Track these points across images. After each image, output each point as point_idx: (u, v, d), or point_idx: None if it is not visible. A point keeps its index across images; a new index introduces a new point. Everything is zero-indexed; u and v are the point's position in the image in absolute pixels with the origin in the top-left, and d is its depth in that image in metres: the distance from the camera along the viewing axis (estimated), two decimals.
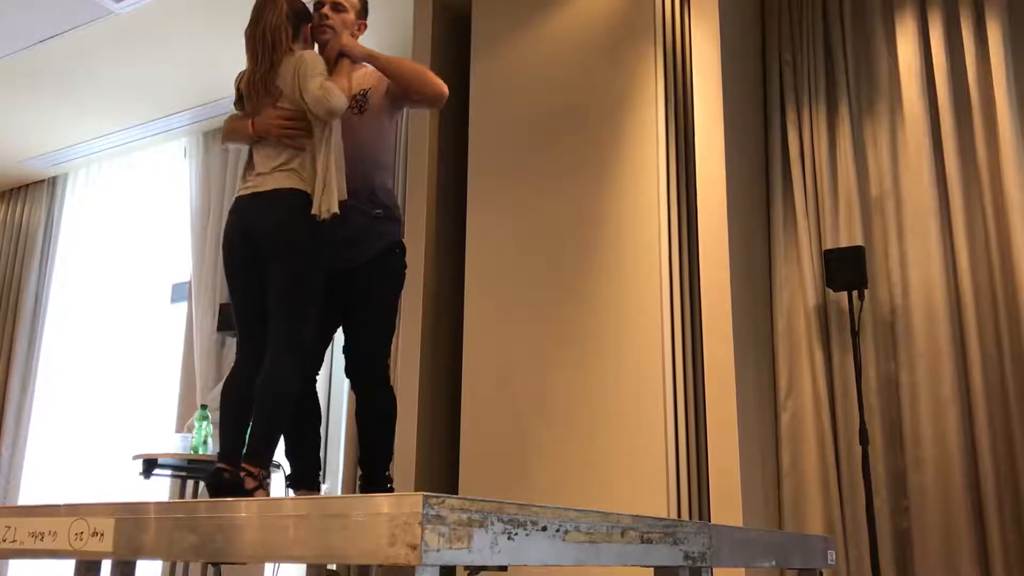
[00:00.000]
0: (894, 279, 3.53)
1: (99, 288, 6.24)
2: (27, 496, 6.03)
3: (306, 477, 2.77)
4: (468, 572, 2.80)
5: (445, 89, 2.76)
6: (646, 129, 3.40)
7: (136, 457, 3.90)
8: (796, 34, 3.94)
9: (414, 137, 4.02)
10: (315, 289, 2.57)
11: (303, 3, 2.82)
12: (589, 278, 3.39)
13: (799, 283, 3.69)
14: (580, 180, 3.50)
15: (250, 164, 2.72)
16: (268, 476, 2.48)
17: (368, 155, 2.80)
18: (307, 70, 2.60)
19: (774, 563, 1.89)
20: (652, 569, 1.50)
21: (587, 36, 3.63)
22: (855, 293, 3.52)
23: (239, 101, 2.77)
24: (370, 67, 2.86)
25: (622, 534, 1.31)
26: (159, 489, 5.20)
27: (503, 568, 2.93)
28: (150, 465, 3.86)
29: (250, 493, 2.38)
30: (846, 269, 3.41)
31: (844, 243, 3.64)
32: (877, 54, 3.76)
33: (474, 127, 3.84)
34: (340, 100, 2.55)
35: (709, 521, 3.02)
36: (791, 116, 3.84)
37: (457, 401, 3.76)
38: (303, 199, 2.55)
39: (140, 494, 5.19)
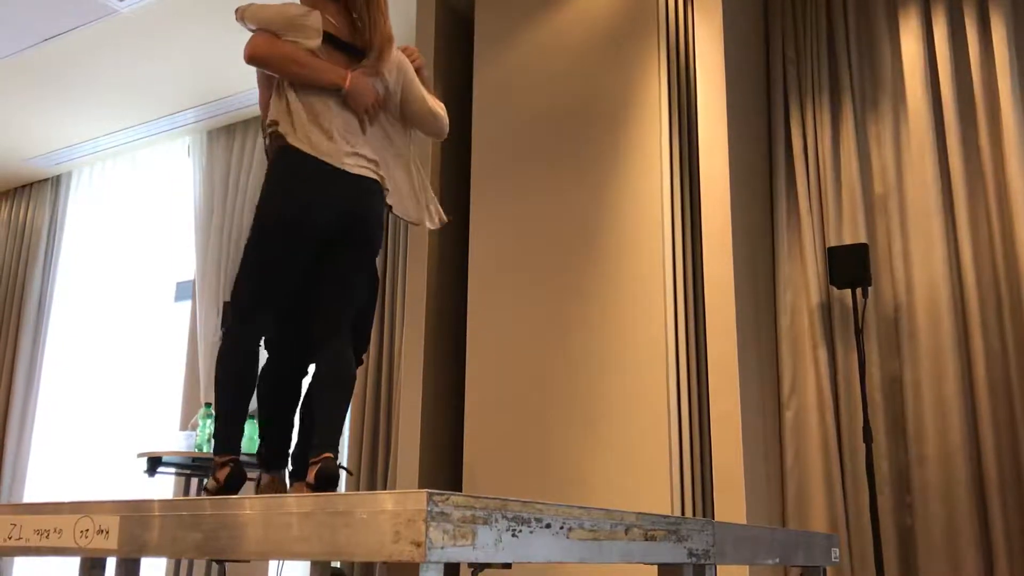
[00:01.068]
0: (898, 276, 3.52)
1: (103, 287, 6.25)
2: (32, 494, 6.04)
3: (280, 459, 2.76)
4: (472, 569, 2.80)
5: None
6: (650, 127, 3.40)
7: (141, 455, 3.91)
8: (799, 31, 3.94)
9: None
10: None
11: None
12: (593, 275, 3.39)
13: (803, 281, 3.69)
14: (584, 178, 3.50)
15: (325, 115, 2.44)
16: None
17: None
18: (417, 80, 2.61)
19: (778, 560, 1.89)
20: (656, 566, 1.50)
21: (590, 35, 3.63)
22: (859, 290, 3.51)
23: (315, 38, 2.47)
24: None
25: (626, 531, 1.31)
26: (164, 486, 5.21)
27: (507, 565, 2.94)
28: (154, 463, 3.87)
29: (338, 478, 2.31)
30: (850, 266, 3.40)
31: (848, 240, 3.63)
32: (880, 50, 3.75)
33: (477, 127, 3.84)
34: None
35: (713, 518, 3.02)
36: (794, 113, 3.84)
37: (461, 399, 3.76)
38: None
39: (145, 492, 5.20)
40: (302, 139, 2.40)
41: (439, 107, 2.60)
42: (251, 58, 2.42)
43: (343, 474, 4.72)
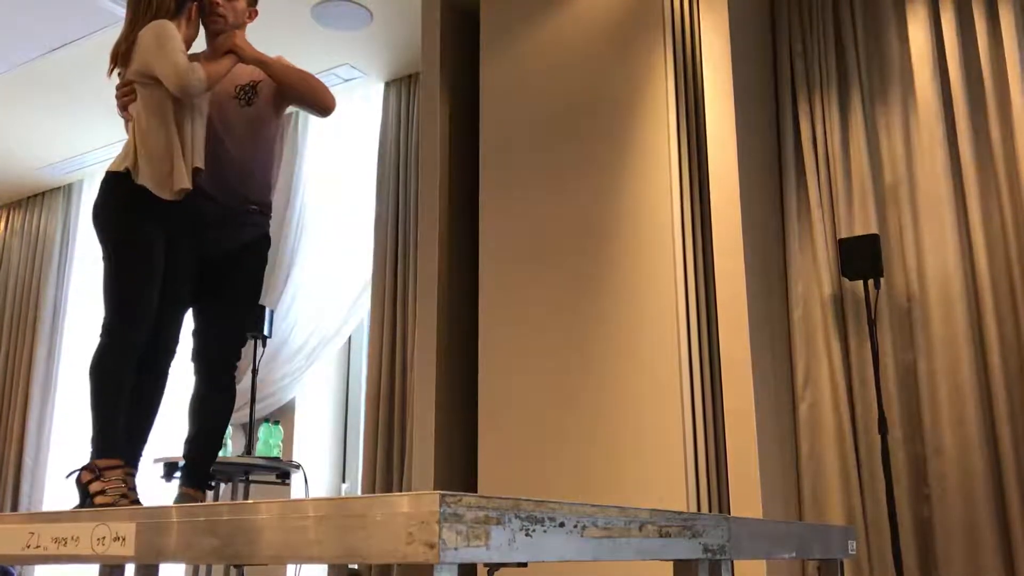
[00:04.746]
0: (910, 266, 3.51)
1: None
2: (51, 502, 6.08)
3: (191, 475, 2.79)
4: (488, 569, 2.81)
5: (332, 101, 2.76)
6: (657, 122, 3.39)
7: (157, 461, 3.93)
8: (806, 22, 3.92)
9: (425, 137, 4.03)
10: (142, 265, 2.47)
11: None
12: (604, 273, 3.39)
13: (814, 273, 3.68)
14: (593, 175, 3.50)
15: None
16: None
17: (250, 147, 2.77)
18: (165, 40, 2.50)
19: (794, 554, 1.89)
20: (671, 563, 1.50)
21: (596, 30, 3.62)
22: (871, 282, 3.50)
23: None
24: None
25: (640, 528, 1.31)
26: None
27: (523, 564, 2.94)
28: (171, 468, 3.89)
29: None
30: (861, 257, 3.39)
31: (859, 231, 3.62)
32: (888, 40, 3.73)
33: (485, 125, 3.85)
34: (198, 82, 2.47)
35: (728, 514, 3.02)
36: (803, 105, 3.83)
37: (474, 400, 3.77)
38: (112, 179, 2.49)
39: (161, 497, 5.22)
40: None
41: (188, 68, 2.53)
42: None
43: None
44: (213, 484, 2.75)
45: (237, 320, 2.72)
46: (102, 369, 2.47)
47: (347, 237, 5.15)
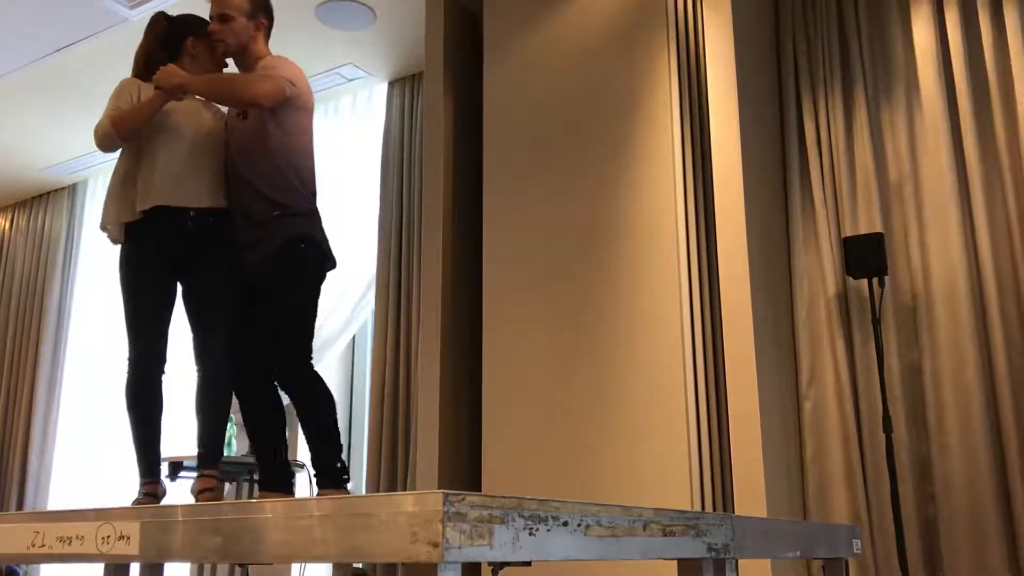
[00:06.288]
0: (915, 265, 3.50)
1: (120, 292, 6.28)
2: (56, 500, 6.10)
3: (274, 479, 2.78)
4: (492, 568, 2.81)
5: (253, 96, 2.68)
6: (661, 122, 3.39)
7: (162, 460, 3.93)
8: (810, 20, 3.92)
9: (429, 137, 4.03)
10: (135, 298, 2.78)
11: (190, 17, 2.92)
12: (608, 274, 3.39)
13: (818, 272, 3.67)
14: (596, 175, 3.50)
15: None
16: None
17: (258, 158, 2.78)
18: (110, 99, 2.79)
19: (799, 553, 1.89)
20: (675, 562, 1.50)
21: (599, 31, 3.62)
22: (875, 280, 3.49)
23: None
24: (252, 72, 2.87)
25: (644, 527, 1.31)
26: (185, 491, 5.24)
27: (527, 563, 2.94)
28: (176, 468, 3.89)
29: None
30: (866, 256, 3.39)
31: (863, 230, 3.62)
32: (892, 38, 3.73)
33: (489, 125, 3.84)
34: (99, 136, 2.71)
35: (733, 513, 3.01)
36: (807, 103, 3.82)
37: (478, 399, 3.77)
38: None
39: (167, 496, 5.23)
40: None
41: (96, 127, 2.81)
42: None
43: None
44: (347, 477, 2.75)
45: (275, 325, 2.74)
46: (127, 394, 2.79)
47: (351, 237, 5.15)
